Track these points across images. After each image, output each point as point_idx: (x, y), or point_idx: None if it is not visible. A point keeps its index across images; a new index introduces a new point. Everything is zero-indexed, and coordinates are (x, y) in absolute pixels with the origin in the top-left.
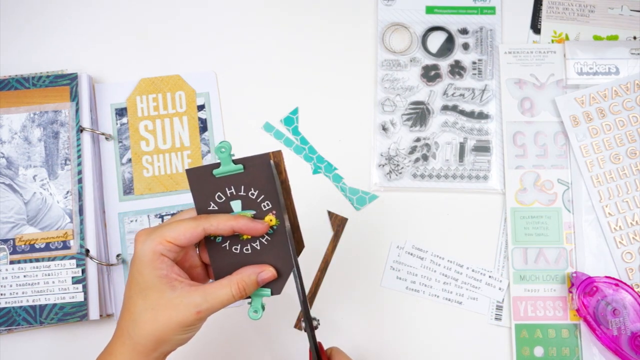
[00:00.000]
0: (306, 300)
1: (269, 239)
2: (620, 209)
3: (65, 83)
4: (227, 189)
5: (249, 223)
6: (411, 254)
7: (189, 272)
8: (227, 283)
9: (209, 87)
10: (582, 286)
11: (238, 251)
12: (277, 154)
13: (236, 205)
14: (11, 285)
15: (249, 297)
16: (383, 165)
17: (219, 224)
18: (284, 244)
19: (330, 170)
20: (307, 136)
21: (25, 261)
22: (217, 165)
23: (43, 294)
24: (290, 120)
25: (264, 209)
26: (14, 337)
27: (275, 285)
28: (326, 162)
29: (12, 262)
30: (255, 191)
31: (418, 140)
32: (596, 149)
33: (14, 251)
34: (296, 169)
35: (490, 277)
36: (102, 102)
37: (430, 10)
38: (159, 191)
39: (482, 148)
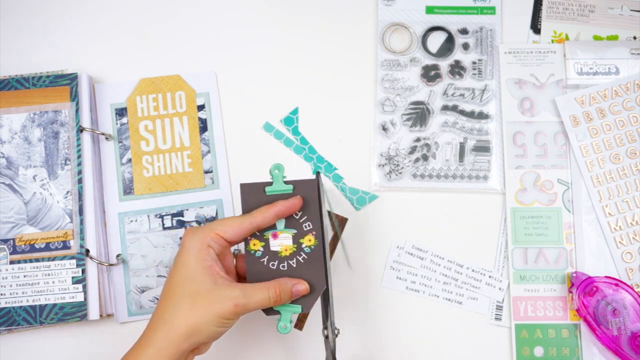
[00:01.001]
0: (332, 313)
1: (305, 257)
2: (620, 209)
3: (65, 83)
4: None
5: (286, 202)
6: (411, 254)
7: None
8: (265, 286)
9: (209, 87)
10: (582, 286)
11: (275, 267)
12: (316, 179)
13: (280, 223)
14: (11, 285)
15: (278, 313)
16: (383, 165)
17: (263, 215)
18: (319, 264)
19: (330, 170)
20: (307, 136)
21: (25, 261)
22: (270, 183)
23: (43, 294)
24: (290, 120)
25: (305, 229)
26: (14, 337)
27: (305, 302)
28: (326, 162)
29: (12, 262)
30: (299, 212)
31: (418, 140)
32: (596, 149)
33: (14, 251)
34: (296, 169)
35: (490, 277)
36: (102, 102)
37: (430, 10)
38: (159, 191)
39: (482, 148)
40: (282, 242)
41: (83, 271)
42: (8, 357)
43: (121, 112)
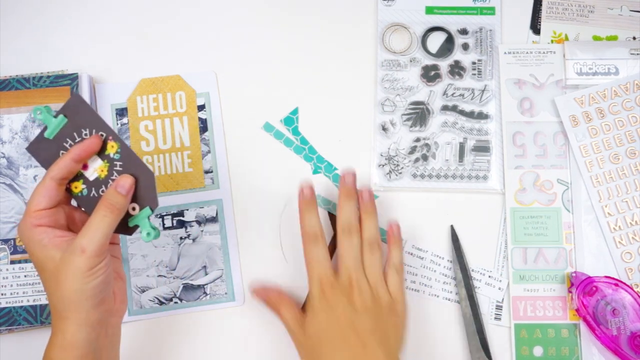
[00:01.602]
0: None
1: (120, 162)
2: (620, 209)
3: (65, 83)
4: (64, 143)
5: (81, 144)
6: (411, 254)
7: (82, 225)
8: (95, 212)
9: (209, 87)
10: (582, 286)
11: (105, 190)
12: (76, 97)
13: None
14: (12, 285)
15: (137, 226)
16: (383, 165)
17: (60, 165)
18: (132, 157)
19: (330, 170)
20: (307, 136)
21: (25, 261)
22: (45, 128)
23: (43, 294)
24: (290, 120)
25: (103, 139)
26: (15, 337)
27: (146, 199)
28: (326, 162)
29: (12, 262)
30: (86, 130)
31: (418, 140)
32: (595, 149)
33: (14, 251)
34: (296, 169)
35: (489, 277)
36: (102, 102)
37: (430, 10)
38: (159, 191)
39: (482, 148)
40: (93, 166)
41: None
42: (8, 357)
43: (121, 112)
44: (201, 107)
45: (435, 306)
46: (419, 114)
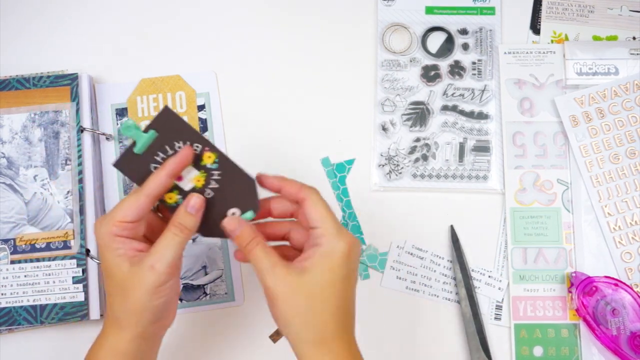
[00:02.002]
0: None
1: (219, 172)
2: (620, 209)
3: (65, 83)
4: (155, 157)
5: (174, 159)
6: (411, 254)
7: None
8: (166, 231)
9: (209, 87)
10: (582, 286)
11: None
12: (167, 110)
13: None
14: (12, 285)
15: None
16: (383, 165)
17: (154, 181)
18: (232, 167)
19: (357, 231)
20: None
21: (25, 261)
22: (134, 144)
23: (43, 294)
24: (342, 168)
25: (198, 152)
26: (15, 337)
27: (248, 204)
28: (356, 222)
29: (12, 262)
30: (179, 143)
31: (418, 140)
32: (595, 149)
33: (14, 251)
34: (297, 169)
35: (489, 276)
36: (102, 102)
37: (430, 10)
38: None
39: (482, 148)
40: (189, 177)
41: (84, 271)
42: (8, 357)
43: (122, 112)
44: (201, 107)
45: (435, 306)
46: (419, 114)
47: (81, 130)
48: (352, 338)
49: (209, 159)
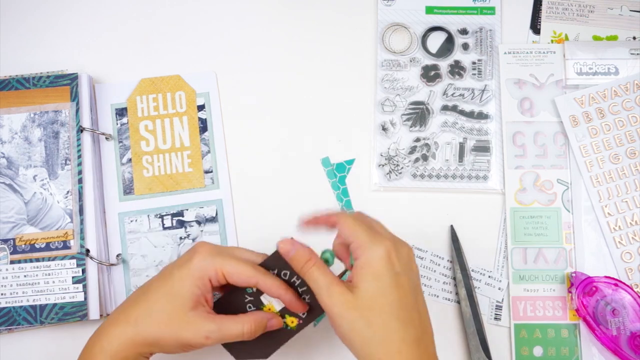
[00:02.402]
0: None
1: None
2: (620, 209)
3: (65, 83)
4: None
5: (294, 299)
6: None
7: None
8: (242, 320)
9: (209, 87)
10: (582, 286)
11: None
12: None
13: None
14: (11, 285)
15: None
16: (383, 165)
17: (271, 287)
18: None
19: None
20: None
21: (25, 261)
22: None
23: (43, 294)
24: (342, 168)
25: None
26: (14, 337)
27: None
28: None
29: (12, 262)
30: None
31: (418, 140)
32: (595, 149)
33: (14, 251)
34: (299, 168)
35: (489, 277)
36: (102, 102)
37: (430, 10)
38: (159, 191)
39: (482, 148)
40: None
41: (83, 271)
42: (8, 357)
43: (121, 112)
44: (201, 107)
45: (435, 306)
46: (419, 114)
47: (81, 130)
48: (426, 348)
49: (291, 323)
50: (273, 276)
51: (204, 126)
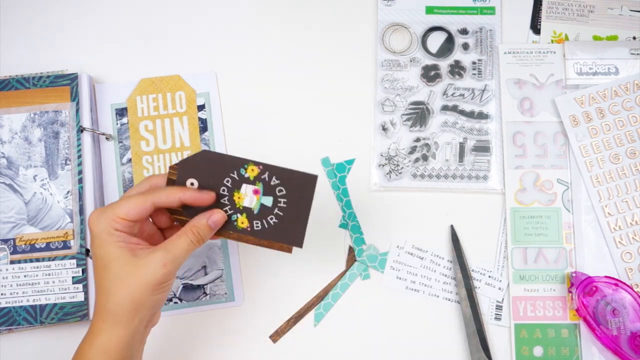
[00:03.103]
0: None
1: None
2: (620, 209)
3: (65, 83)
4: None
5: (196, 194)
6: (411, 254)
7: (148, 240)
8: (183, 232)
9: (209, 87)
10: (582, 286)
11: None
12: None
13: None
14: (11, 285)
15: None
16: (383, 165)
17: (167, 197)
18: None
19: (357, 231)
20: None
21: (25, 261)
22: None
23: (43, 294)
24: (342, 168)
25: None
26: (14, 337)
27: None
28: (356, 222)
29: (12, 262)
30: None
31: (418, 140)
32: (596, 149)
33: (14, 251)
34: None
35: (489, 277)
36: (102, 102)
37: (430, 10)
38: None
39: (482, 148)
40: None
41: (83, 271)
42: (8, 357)
43: (121, 112)
44: (201, 107)
45: (435, 306)
46: (419, 114)
47: (81, 130)
48: None
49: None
50: (164, 188)
51: (204, 126)
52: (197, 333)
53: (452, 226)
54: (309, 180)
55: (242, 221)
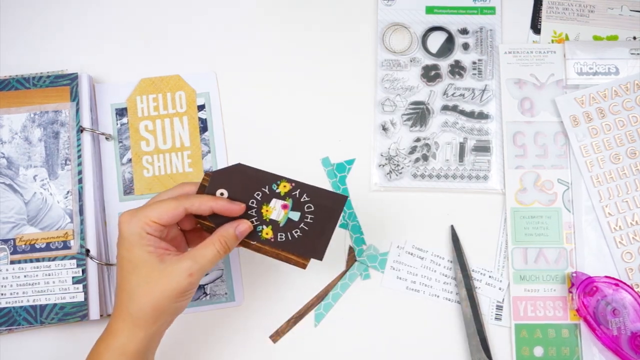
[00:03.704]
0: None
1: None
2: (620, 209)
3: (65, 83)
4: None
5: (227, 204)
6: (411, 254)
7: (171, 242)
8: (210, 242)
9: (209, 87)
10: (582, 286)
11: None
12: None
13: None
14: (11, 285)
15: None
16: (383, 165)
17: (200, 204)
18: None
19: (357, 231)
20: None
21: (25, 261)
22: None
23: (43, 294)
24: (342, 168)
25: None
26: (14, 337)
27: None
28: (356, 222)
29: (12, 262)
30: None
31: (418, 140)
32: (596, 149)
33: (14, 251)
34: (300, 168)
35: (490, 277)
36: (102, 102)
37: (430, 10)
38: (159, 191)
39: (482, 148)
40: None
41: (83, 271)
42: (8, 357)
43: (121, 112)
44: (201, 107)
45: (436, 306)
46: (419, 114)
47: (81, 130)
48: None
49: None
50: (197, 196)
51: (204, 126)
52: (197, 333)
53: (452, 226)
54: (338, 201)
55: (266, 232)
